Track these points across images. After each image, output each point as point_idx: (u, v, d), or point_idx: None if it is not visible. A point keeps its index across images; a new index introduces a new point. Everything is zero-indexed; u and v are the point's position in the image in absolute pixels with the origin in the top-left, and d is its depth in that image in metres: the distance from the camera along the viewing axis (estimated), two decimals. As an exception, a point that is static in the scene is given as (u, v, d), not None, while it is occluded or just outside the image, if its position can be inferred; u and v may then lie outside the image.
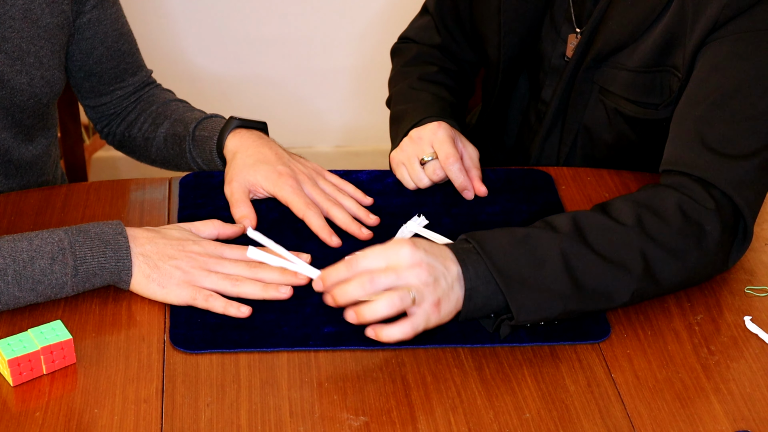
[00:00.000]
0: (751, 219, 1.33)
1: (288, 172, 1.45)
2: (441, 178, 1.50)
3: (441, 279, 1.21)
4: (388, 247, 1.21)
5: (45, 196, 1.49)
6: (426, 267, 1.20)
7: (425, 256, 1.21)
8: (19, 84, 1.51)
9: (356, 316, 1.20)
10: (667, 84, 1.48)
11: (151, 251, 1.29)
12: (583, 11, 1.57)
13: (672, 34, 1.44)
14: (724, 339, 1.29)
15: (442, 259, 1.22)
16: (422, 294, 1.19)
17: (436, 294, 1.20)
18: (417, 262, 1.20)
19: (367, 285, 1.19)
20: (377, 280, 1.19)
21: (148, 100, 1.69)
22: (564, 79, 1.60)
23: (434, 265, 1.20)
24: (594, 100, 1.58)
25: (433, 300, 1.20)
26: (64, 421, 1.14)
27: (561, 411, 1.18)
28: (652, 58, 1.47)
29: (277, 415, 1.15)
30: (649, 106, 1.51)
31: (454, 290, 1.22)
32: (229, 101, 2.96)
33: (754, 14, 1.36)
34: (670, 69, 1.46)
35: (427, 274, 1.20)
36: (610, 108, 1.56)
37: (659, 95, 1.49)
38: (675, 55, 1.45)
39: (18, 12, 1.48)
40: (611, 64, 1.53)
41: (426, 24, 1.78)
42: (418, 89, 1.68)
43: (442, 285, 1.21)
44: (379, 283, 1.19)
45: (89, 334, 1.25)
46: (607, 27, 1.52)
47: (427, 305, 1.20)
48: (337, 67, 2.97)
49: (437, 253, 1.22)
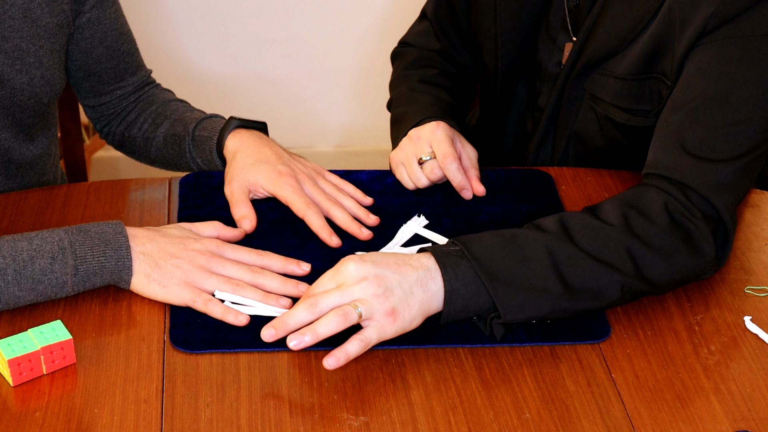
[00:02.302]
0: (731, 223, 1.34)
1: (288, 172, 1.45)
2: (439, 177, 1.50)
3: (395, 288, 1.21)
4: (336, 268, 1.23)
5: (45, 196, 1.49)
6: (373, 279, 1.20)
7: (372, 267, 1.21)
8: (19, 84, 1.51)
9: (302, 338, 1.19)
10: (657, 91, 1.48)
11: (152, 250, 1.29)
12: (579, 20, 1.58)
13: (660, 41, 1.44)
14: (724, 339, 1.29)
15: (396, 266, 1.22)
16: (371, 307, 1.20)
17: (389, 303, 1.20)
18: (362, 276, 1.20)
19: (311, 307, 1.20)
20: (321, 301, 1.20)
21: (148, 100, 1.69)
22: (557, 86, 1.61)
23: (383, 275, 1.21)
24: (585, 107, 1.58)
25: (385, 310, 1.20)
26: (64, 421, 1.14)
27: (561, 411, 1.18)
28: (641, 65, 1.48)
29: (277, 415, 1.15)
30: (639, 114, 1.52)
31: (414, 295, 1.22)
32: (229, 101, 2.96)
33: (741, 22, 1.36)
34: (658, 76, 1.47)
35: (375, 285, 1.20)
36: (600, 115, 1.57)
37: (649, 102, 1.50)
38: (663, 62, 1.45)
39: (18, 12, 1.48)
40: (601, 72, 1.54)
41: (425, 30, 1.79)
42: (419, 91, 1.69)
43: (397, 293, 1.21)
44: (323, 304, 1.20)
45: (89, 334, 1.25)
46: (598, 35, 1.52)
47: (379, 317, 1.20)
48: (338, 67, 2.98)
49: (391, 261, 1.23)
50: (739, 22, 1.36)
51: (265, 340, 1.21)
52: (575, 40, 1.58)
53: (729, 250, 1.35)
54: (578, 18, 1.58)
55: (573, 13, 1.59)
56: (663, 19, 1.43)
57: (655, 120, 1.49)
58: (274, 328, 1.21)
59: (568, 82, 1.58)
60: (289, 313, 1.21)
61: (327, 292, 1.21)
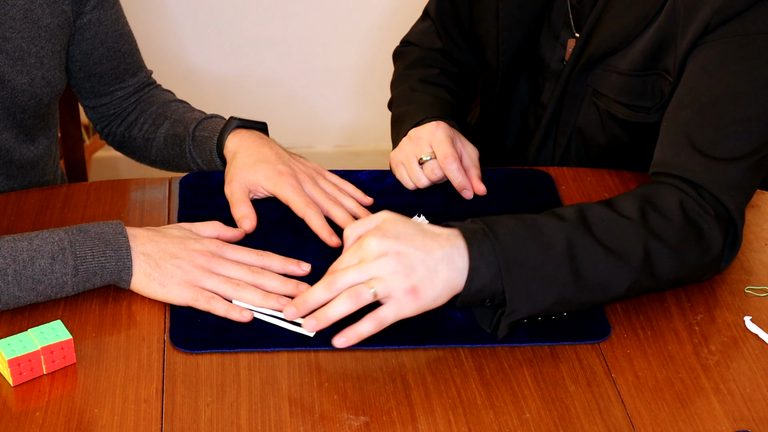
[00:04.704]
0: (740, 222, 1.33)
1: (288, 171, 1.45)
2: (439, 177, 1.50)
3: (417, 265, 1.18)
4: (358, 243, 1.19)
5: (45, 196, 1.49)
6: (394, 255, 1.17)
7: (394, 243, 1.18)
8: (19, 84, 1.51)
9: (315, 321, 1.18)
10: (659, 87, 1.48)
11: (152, 250, 1.29)
12: (582, 16, 1.58)
13: (663, 37, 1.44)
14: (724, 339, 1.29)
15: (421, 242, 1.19)
16: (389, 285, 1.17)
17: (409, 282, 1.17)
18: (383, 251, 1.17)
19: (329, 286, 1.18)
20: (339, 279, 1.17)
21: (148, 100, 1.70)
22: (560, 82, 1.61)
23: (405, 252, 1.17)
24: (587, 102, 1.59)
25: (404, 288, 1.17)
26: (64, 421, 1.14)
27: (561, 411, 1.18)
28: (644, 61, 1.48)
29: (277, 415, 1.15)
30: (640, 110, 1.52)
31: (439, 273, 1.18)
32: (229, 101, 2.96)
33: (745, 19, 1.36)
34: (661, 72, 1.47)
35: (395, 262, 1.17)
36: (602, 111, 1.57)
37: (651, 98, 1.50)
38: (666, 58, 1.45)
39: (18, 12, 1.48)
40: (604, 67, 1.54)
41: (427, 29, 1.79)
42: (419, 91, 1.69)
43: (419, 271, 1.18)
44: (341, 282, 1.17)
45: (89, 334, 1.25)
46: (601, 30, 1.52)
47: (398, 294, 1.17)
48: (337, 67, 2.98)
49: (416, 236, 1.19)
50: (743, 20, 1.36)
51: (287, 318, 1.20)
52: (578, 36, 1.58)
53: (737, 250, 1.35)
54: (581, 14, 1.58)
55: (576, 10, 1.59)
56: (667, 15, 1.43)
57: (657, 116, 1.49)
58: (296, 306, 1.20)
59: (571, 78, 1.58)
60: (310, 292, 1.19)
61: (346, 270, 1.18)
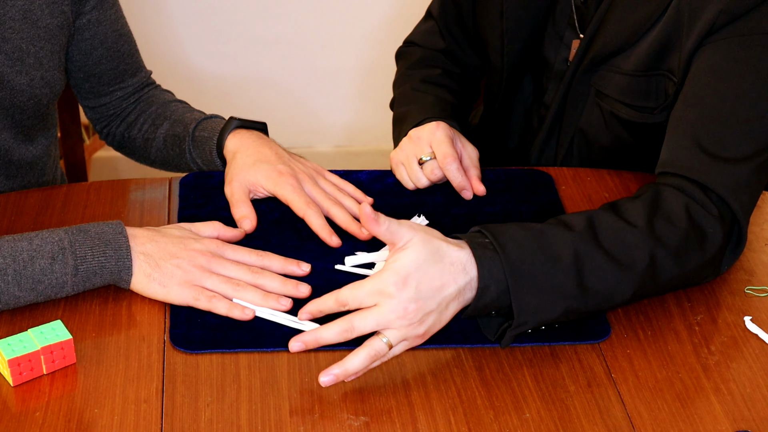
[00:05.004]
0: (745, 224, 1.33)
1: (288, 171, 1.45)
2: (439, 178, 1.50)
3: (432, 311, 1.18)
4: (379, 278, 1.17)
5: (45, 196, 1.49)
6: (413, 311, 1.17)
7: (414, 294, 1.16)
8: (19, 85, 1.51)
9: (331, 373, 1.16)
10: (663, 88, 1.48)
11: (152, 250, 1.29)
12: (586, 16, 1.58)
13: (667, 38, 1.44)
14: (724, 339, 1.29)
15: (438, 282, 1.18)
16: (403, 335, 1.18)
17: (422, 328, 1.18)
18: (403, 305, 1.16)
19: (346, 333, 1.17)
20: (357, 328, 1.17)
21: (148, 101, 1.70)
22: (564, 82, 1.61)
23: (424, 305, 1.17)
24: (591, 103, 1.58)
25: (416, 335, 1.18)
26: (64, 421, 1.14)
27: (561, 411, 1.18)
28: (648, 61, 1.48)
29: (277, 415, 1.15)
30: (644, 110, 1.52)
31: (449, 309, 1.20)
32: (229, 101, 2.96)
33: (751, 19, 1.36)
34: (665, 73, 1.46)
35: (413, 315, 1.17)
36: (606, 111, 1.57)
37: (655, 99, 1.50)
38: (671, 59, 1.45)
39: (18, 13, 1.48)
40: (607, 68, 1.54)
41: (430, 29, 1.79)
42: (421, 91, 1.69)
43: (432, 317, 1.18)
44: (358, 331, 1.18)
45: (89, 334, 1.25)
46: (606, 31, 1.52)
47: (409, 342, 1.19)
48: (337, 67, 2.98)
49: (435, 279, 1.18)
50: (748, 20, 1.36)
51: (292, 351, 1.19)
52: (582, 36, 1.58)
53: (741, 252, 1.35)
54: (585, 15, 1.58)
55: (580, 10, 1.59)
56: (672, 15, 1.43)
57: (661, 117, 1.49)
58: (305, 343, 1.19)
59: (575, 78, 1.58)
60: (323, 333, 1.18)
61: (364, 317, 1.17)
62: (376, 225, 1.17)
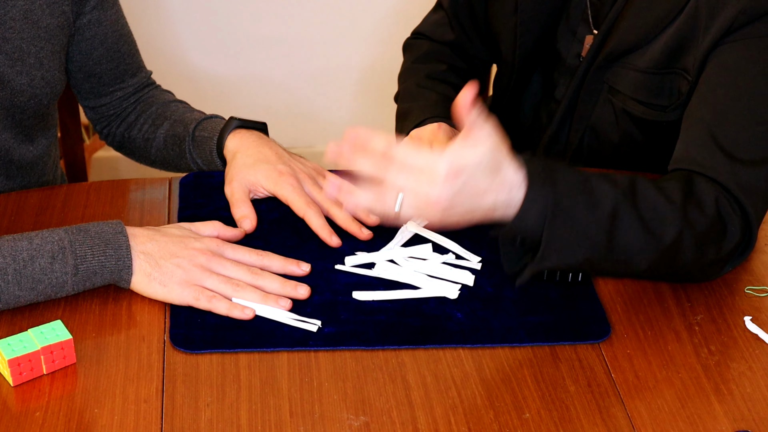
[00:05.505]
0: (756, 228, 1.33)
1: (289, 171, 1.45)
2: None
3: (458, 214, 1.17)
4: (431, 161, 1.14)
5: (45, 196, 1.49)
6: (445, 203, 1.15)
7: (456, 190, 1.14)
8: (19, 85, 1.51)
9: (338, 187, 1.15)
10: (676, 86, 1.48)
11: (152, 249, 1.29)
12: (601, 12, 1.57)
13: (684, 36, 1.44)
14: (724, 339, 1.29)
15: (483, 191, 1.16)
16: (419, 212, 1.16)
17: (439, 216, 1.16)
18: (440, 195, 1.14)
19: (379, 197, 1.16)
20: (389, 196, 1.15)
21: (148, 101, 1.70)
22: (576, 78, 1.60)
23: (460, 201, 1.15)
24: (603, 99, 1.58)
25: (431, 217, 1.16)
26: (64, 421, 1.14)
27: (561, 411, 1.18)
28: (663, 59, 1.47)
29: (277, 415, 1.15)
30: (657, 108, 1.51)
31: (473, 217, 1.18)
32: (229, 101, 2.96)
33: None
34: (680, 71, 1.46)
35: (442, 206, 1.15)
36: (618, 108, 1.56)
37: (668, 97, 1.49)
38: (686, 57, 1.44)
39: (18, 13, 1.48)
40: (622, 64, 1.53)
41: (439, 20, 1.78)
42: (426, 87, 1.68)
43: (454, 216, 1.17)
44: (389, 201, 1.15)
45: (89, 334, 1.25)
46: (621, 27, 1.51)
47: (417, 216, 1.17)
48: (338, 67, 2.98)
49: (483, 184, 1.16)
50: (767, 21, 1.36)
51: (327, 191, 1.18)
52: (596, 33, 1.58)
53: (746, 255, 1.35)
54: (600, 10, 1.57)
55: (595, 6, 1.58)
56: (689, 14, 1.42)
57: (673, 115, 1.49)
58: (339, 188, 1.17)
59: (588, 74, 1.58)
60: (360, 194, 1.16)
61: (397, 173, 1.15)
62: (469, 109, 1.15)
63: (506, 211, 1.20)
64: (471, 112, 1.15)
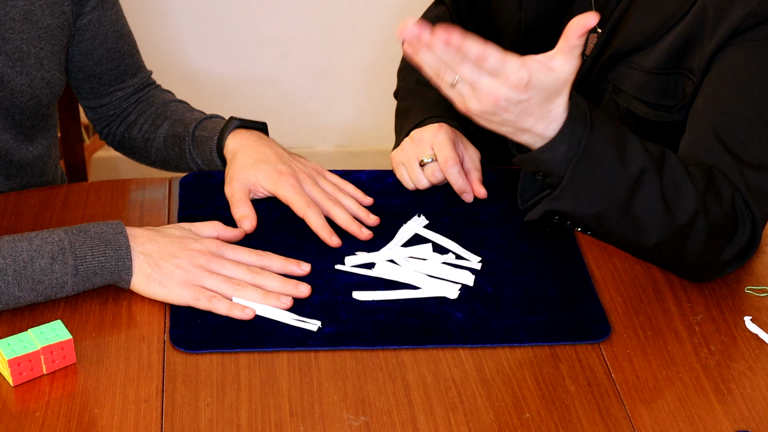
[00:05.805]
0: (761, 230, 1.33)
1: (289, 171, 1.45)
2: (440, 180, 1.50)
3: (499, 121, 1.19)
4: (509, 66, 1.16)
5: (45, 196, 1.49)
6: (502, 106, 1.16)
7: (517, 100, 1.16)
8: (19, 85, 1.51)
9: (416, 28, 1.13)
10: (681, 87, 1.47)
11: (152, 250, 1.29)
12: (606, 11, 1.57)
13: (690, 37, 1.43)
14: (724, 339, 1.29)
15: (532, 111, 1.19)
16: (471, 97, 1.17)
17: (481, 110, 1.18)
18: (503, 97, 1.16)
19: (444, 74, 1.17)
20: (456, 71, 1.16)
21: (148, 101, 1.70)
22: (580, 77, 1.59)
23: (513, 109, 1.17)
24: (607, 99, 1.58)
25: (474, 107, 1.18)
26: (64, 421, 1.14)
27: (561, 411, 1.18)
28: (668, 60, 1.47)
29: (277, 415, 1.15)
30: (661, 108, 1.51)
31: (504, 128, 1.20)
32: (229, 101, 2.96)
33: None
34: (685, 72, 1.46)
35: (497, 108, 1.17)
36: (622, 108, 1.56)
37: (672, 98, 1.49)
38: (691, 58, 1.44)
39: (18, 13, 1.48)
40: (627, 64, 1.53)
41: (441, 14, 1.77)
42: (425, 85, 1.68)
43: (495, 121, 1.19)
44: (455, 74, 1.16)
45: (89, 334, 1.25)
46: (627, 27, 1.51)
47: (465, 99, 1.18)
48: (338, 67, 2.98)
49: (537, 106, 1.18)
50: None
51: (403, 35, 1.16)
52: (600, 31, 1.57)
53: (748, 259, 1.35)
54: (604, 10, 1.57)
55: (600, 5, 1.58)
56: (696, 14, 1.42)
57: (677, 116, 1.48)
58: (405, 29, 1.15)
59: (592, 73, 1.57)
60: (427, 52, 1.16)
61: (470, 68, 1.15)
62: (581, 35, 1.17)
63: (536, 140, 1.22)
64: (578, 38, 1.17)
